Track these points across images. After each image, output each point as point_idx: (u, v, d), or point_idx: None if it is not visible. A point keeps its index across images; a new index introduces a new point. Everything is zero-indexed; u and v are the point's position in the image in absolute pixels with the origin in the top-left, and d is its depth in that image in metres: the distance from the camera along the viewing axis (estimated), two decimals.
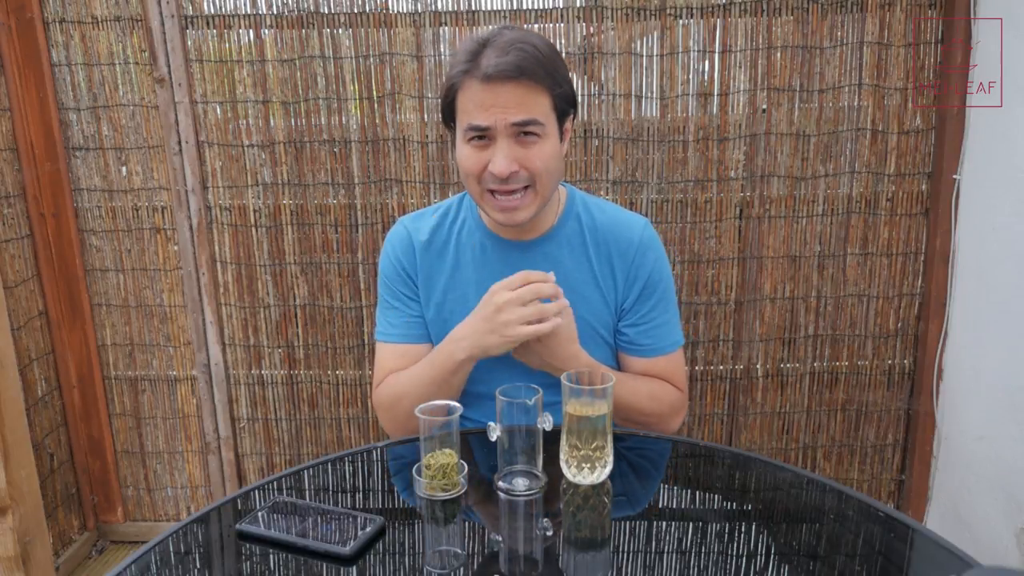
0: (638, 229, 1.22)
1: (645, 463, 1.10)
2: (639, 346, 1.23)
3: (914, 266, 1.99)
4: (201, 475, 2.21)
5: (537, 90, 1.06)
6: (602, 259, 1.22)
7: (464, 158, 1.11)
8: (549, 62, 1.07)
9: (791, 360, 2.06)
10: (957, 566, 0.78)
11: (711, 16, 1.85)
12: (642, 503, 0.98)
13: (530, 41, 1.07)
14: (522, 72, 1.04)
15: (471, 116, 1.07)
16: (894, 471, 2.13)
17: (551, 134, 1.10)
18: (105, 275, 2.08)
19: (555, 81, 1.08)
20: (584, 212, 1.25)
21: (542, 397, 0.93)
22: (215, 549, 0.89)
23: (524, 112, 1.05)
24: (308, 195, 1.98)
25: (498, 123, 1.06)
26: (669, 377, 1.24)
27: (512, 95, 1.05)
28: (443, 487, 0.92)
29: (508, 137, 1.07)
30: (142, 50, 1.92)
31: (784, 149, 1.92)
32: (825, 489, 0.97)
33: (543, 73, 1.06)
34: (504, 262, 1.21)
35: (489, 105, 1.05)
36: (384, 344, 1.26)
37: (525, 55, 1.04)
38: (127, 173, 2.01)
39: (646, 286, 1.21)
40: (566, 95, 1.11)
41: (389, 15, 1.88)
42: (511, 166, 1.07)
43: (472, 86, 1.06)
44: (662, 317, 1.23)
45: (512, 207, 1.10)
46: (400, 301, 1.25)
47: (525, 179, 1.09)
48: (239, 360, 2.10)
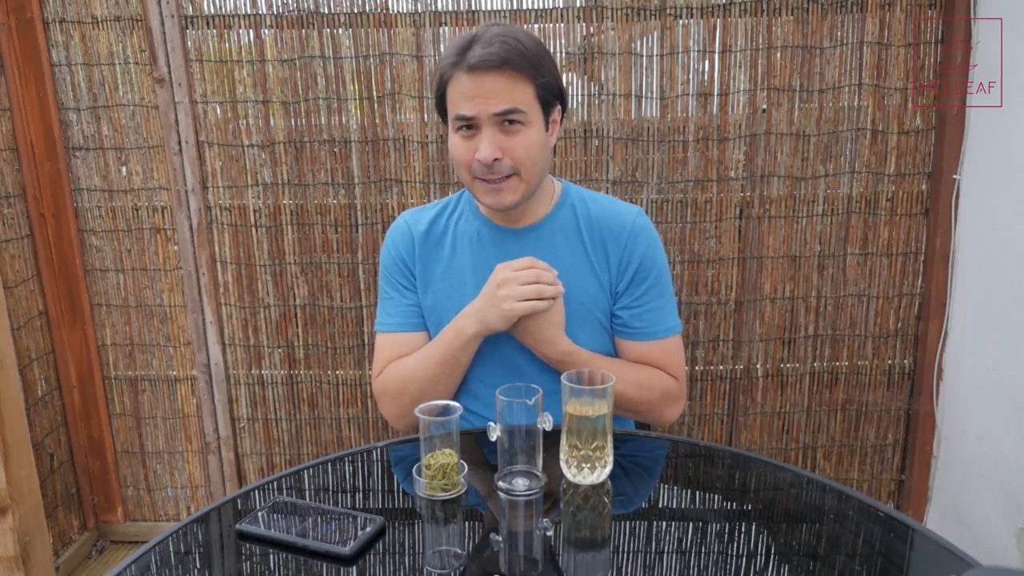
0: (631, 216, 1.25)
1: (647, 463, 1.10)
2: (633, 329, 1.24)
3: (914, 266, 1.99)
4: (201, 475, 2.21)
5: (520, 79, 1.11)
6: (596, 245, 1.24)
7: (454, 147, 1.17)
8: (532, 54, 1.12)
9: (791, 360, 2.06)
10: (957, 566, 0.78)
11: (711, 16, 1.86)
12: (642, 504, 0.98)
13: (514, 35, 1.12)
14: (505, 62, 1.09)
15: (458, 106, 1.12)
16: (894, 471, 2.13)
17: (535, 122, 1.14)
18: (105, 275, 2.08)
19: (538, 72, 1.12)
20: (579, 203, 1.27)
21: (542, 397, 0.93)
22: (215, 549, 0.89)
23: (506, 101, 1.10)
24: (308, 195, 1.98)
25: (481, 113, 1.10)
26: (664, 364, 1.24)
27: (495, 84, 1.09)
28: (443, 487, 0.92)
29: (492, 126, 1.11)
30: (142, 50, 1.92)
31: (784, 149, 1.92)
32: (825, 489, 0.97)
33: (526, 64, 1.10)
34: (499, 247, 1.24)
35: (474, 95, 1.10)
36: (383, 334, 1.29)
37: (508, 47, 1.09)
38: (127, 173, 2.01)
39: (639, 270, 1.23)
40: (550, 86, 1.15)
41: (389, 15, 1.88)
42: (495, 153, 1.11)
43: (459, 77, 1.12)
44: (656, 302, 1.24)
45: (498, 189, 1.15)
46: (398, 291, 1.29)
47: (509, 167, 1.13)
48: (239, 360, 2.10)
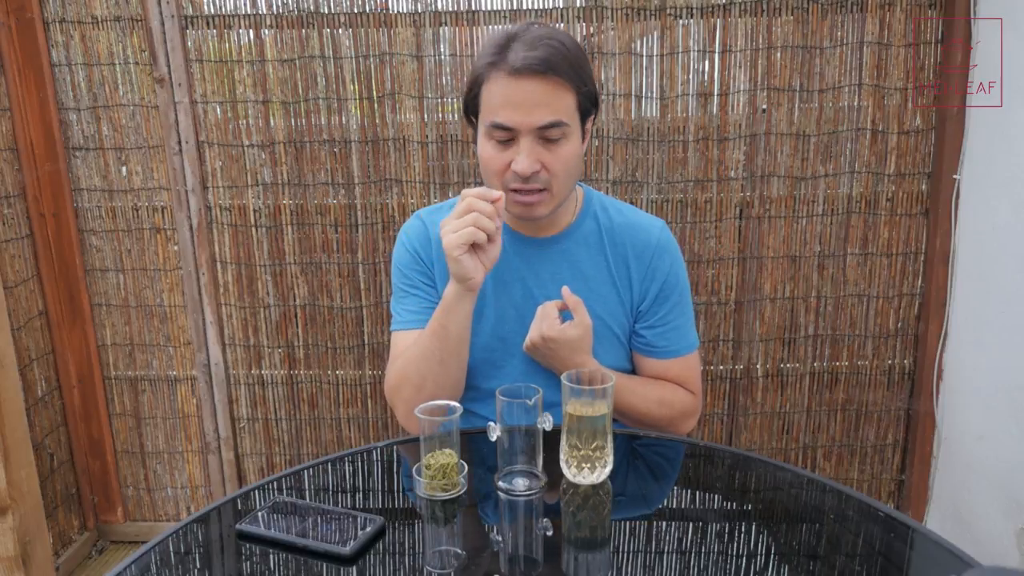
0: (655, 232, 1.23)
1: (648, 464, 1.10)
2: (655, 348, 1.23)
3: (914, 266, 1.99)
4: (201, 475, 2.21)
5: (563, 88, 1.06)
6: (619, 260, 1.22)
7: (487, 155, 1.11)
8: (576, 60, 1.07)
9: (791, 360, 2.06)
10: (957, 566, 0.78)
11: (711, 16, 1.85)
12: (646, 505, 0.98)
13: (558, 38, 1.06)
14: (550, 67, 1.03)
15: (495, 113, 1.07)
16: (894, 471, 2.13)
17: (574, 134, 1.10)
18: (105, 275, 2.08)
19: (581, 79, 1.08)
20: (602, 213, 1.24)
21: (542, 397, 0.93)
22: (215, 549, 0.89)
23: (550, 114, 1.05)
24: (308, 195, 1.98)
25: (522, 125, 1.05)
26: (683, 380, 1.24)
27: (538, 92, 1.04)
28: (443, 487, 0.92)
29: (532, 138, 1.06)
30: (142, 50, 1.92)
31: (784, 149, 1.92)
32: (825, 489, 0.97)
33: (570, 71, 1.05)
34: (521, 257, 1.21)
35: (516, 103, 1.04)
36: (401, 332, 1.22)
37: (553, 51, 1.04)
38: (127, 173, 2.01)
39: (663, 289, 1.21)
40: (591, 94, 1.11)
41: (389, 15, 1.88)
42: (534, 166, 1.07)
43: (498, 79, 1.06)
44: (678, 320, 1.23)
45: (530, 202, 1.11)
46: (418, 288, 1.23)
47: (545, 180, 1.09)
48: (239, 360, 2.10)
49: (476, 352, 1.19)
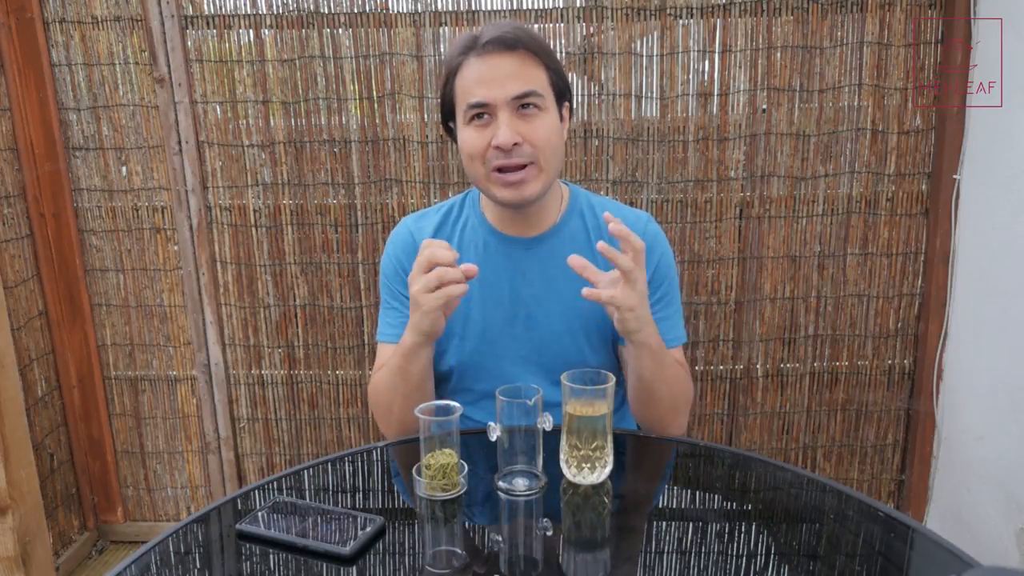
0: (641, 224, 1.22)
1: (648, 464, 1.10)
2: None
3: (914, 266, 1.99)
4: (201, 475, 2.21)
5: (533, 61, 1.09)
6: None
7: (466, 141, 1.12)
8: (543, 43, 1.11)
9: (791, 360, 2.06)
10: (957, 566, 0.78)
11: (711, 16, 1.86)
12: (646, 505, 0.98)
13: (522, 26, 1.11)
14: (518, 42, 1.07)
15: (470, 93, 1.09)
16: (894, 471, 2.13)
17: (550, 108, 1.12)
18: (105, 275, 2.08)
19: (550, 57, 1.11)
20: (588, 209, 1.25)
21: (542, 397, 0.93)
22: (215, 549, 0.89)
23: (523, 84, 1.07)
24: (308, 195, 1.98)
25: (497, 98, 1.07)
26: None
27: (509, 65, 1.07)
28: (443, 487, 0.92)
29: (509, 111, 1.08)
30: (142, 50, 1.92)
31: (784, 149, 1.92)
32: (825, 489, 0.97)
33: (538, 48, 1.09)
34: (508, 259, 1.21)
35: (488, 78, 1.07)
36: (384, 344, 1.25)
37: (520, 30, 1.09)
38: (127, 173, 2.01)
39: (651, 280, 1.20)
40: (560, 75, 1.13)
41: (389, 15, 1.88)
42: (514, 136, 1.07)
43: (469, 64, 1.09)
44: (665, 311, 1.22)
45: (518, 181, 1.10)
46: (399, 301, 1.24)
47: (529, 154, 1.09)
48: (239, 360, 2.10)
49: (465, 356, 1.21)
